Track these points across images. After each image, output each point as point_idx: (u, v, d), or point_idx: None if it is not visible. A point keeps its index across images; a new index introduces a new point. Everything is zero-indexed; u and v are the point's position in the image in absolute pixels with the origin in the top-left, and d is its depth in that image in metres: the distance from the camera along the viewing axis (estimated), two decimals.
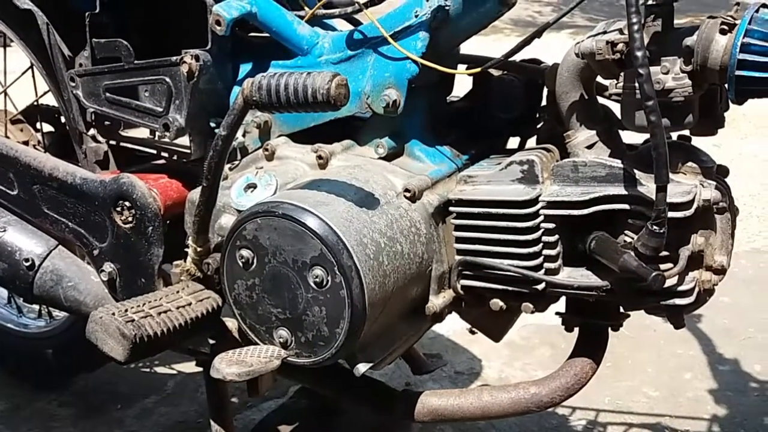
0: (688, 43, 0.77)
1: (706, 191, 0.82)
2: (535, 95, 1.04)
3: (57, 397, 1.77)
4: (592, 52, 0.82)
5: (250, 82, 0.79)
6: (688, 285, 0.83)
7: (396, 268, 0.86)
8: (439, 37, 0.92)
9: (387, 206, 0.88)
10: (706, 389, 1.89)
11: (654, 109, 0.72)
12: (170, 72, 1.00)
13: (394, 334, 0.93)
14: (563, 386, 0.95)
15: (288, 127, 1.02)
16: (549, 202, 0.87)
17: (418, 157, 0.99)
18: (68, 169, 1.08)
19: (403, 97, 0.93)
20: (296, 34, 1.01)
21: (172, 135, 1.02)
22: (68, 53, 1.13)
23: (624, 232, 0.85)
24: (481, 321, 1.11)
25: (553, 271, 0.89)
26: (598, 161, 0.85)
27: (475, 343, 2.05)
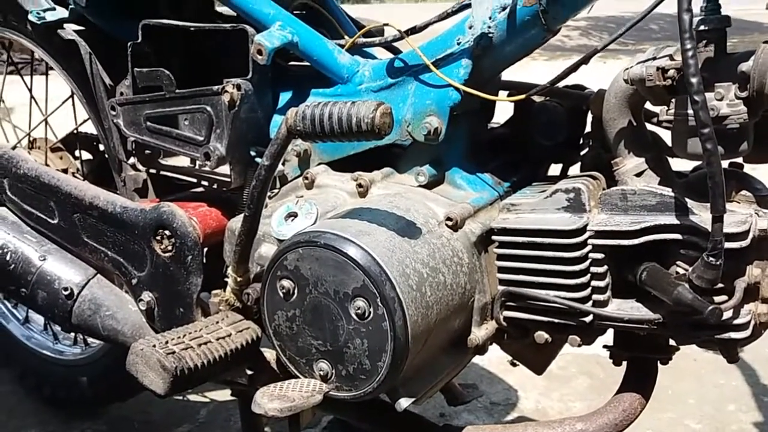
0: (743, 69, 0.75)
1: (762, 221, 0.79)
2: (578, 122, 1.02)
3: (91, 425, 1.76)
4: (642, 78, 0.80)
5: (294, 111, 0.78)
6: (744, 318, 0.80)
7: (439, 299, 0.84)
8: (481, 65, 0.91)
9: (429, 235, 0.87)
10: (751, 422, 1.83)
11: (710, 136, 0.70)
12: (211, 101, 1.00)
13: (435, 366, 0.91)
14: (612, 422, 0.92)
15: (328, 155, 1.01)
16: (597, 231, 0.84)
17: (459, 185, 0.97)
18: (108, 197, 1.08)
19: (444, 125, 0.92)
20: (337, 63, 1.01)
21: (213, 164, 1.01)
22: (109, 82, 1.14)
23: (676, 262, 0.82)
24: (523, 353, 1.08)
25: (602, 303, 0.86)
26: (648, 189, 0.83)
27: (511, 373, 2.01)
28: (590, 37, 10.80)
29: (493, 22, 0.88)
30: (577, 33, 11.06)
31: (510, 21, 0.87)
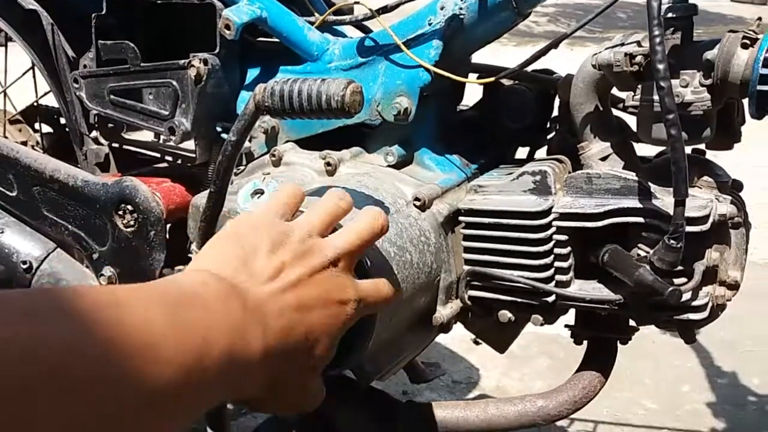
0: (708, 57, 0.76)
1: (722, 206, 0.81)
2: (546, 106, 1.03)
3: None
4: (609, 64, 0.81)
5: (263, 87, 0.77)
6: (702, 300, 0.82)
7: (405, 277, 0.84)
8: (452, 46, 0.91)
9: (397, 215, 0.87)
10: (704, 402, 1.89)
11: (675, 122, 0.71)
12: (177, 75, 0.99)
13: (400, 344, 0.92)
14: (571, 399, 0.94)
15: (295, 133, 1.00)
16: (562, 213, 0.85)
17: (428, 165, 0.97)
18: (70, 171, 1.06)
19: (414, 106, 0.92)
20: (306, 40, 1.00)
21: (177, 139, 1.00)
22: (72, 54, 1.12)
23: (638, 245, 0.84)
24: (486, 332, 1.10)
25: (565, 283, 0.87)
26: (613, 173, 0.84)
27: (473, 352, 2.04)
28: (558, 24, 10.86)
29: (464, 4, 0.88)
30: (546, 19, 11.11)
31: (481, 3, 0.87)
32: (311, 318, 0.56)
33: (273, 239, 0.58)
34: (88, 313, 0.41)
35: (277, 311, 0.54)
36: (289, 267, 0.57)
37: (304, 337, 0.56)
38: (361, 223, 0.65)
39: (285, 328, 0.54)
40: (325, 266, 0.59)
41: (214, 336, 0.48)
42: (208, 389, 0.48)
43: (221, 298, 0.51)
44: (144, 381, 0.42)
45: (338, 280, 0.60)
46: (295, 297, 0.56)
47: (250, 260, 0.56)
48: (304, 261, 0.58)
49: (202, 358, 0.46)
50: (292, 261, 0.57)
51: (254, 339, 0.51)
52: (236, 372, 0.50)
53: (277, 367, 0.54)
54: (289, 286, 0.56)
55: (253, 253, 0.57)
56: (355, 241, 0.63)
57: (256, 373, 0.52)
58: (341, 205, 0.67)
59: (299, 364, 0.57)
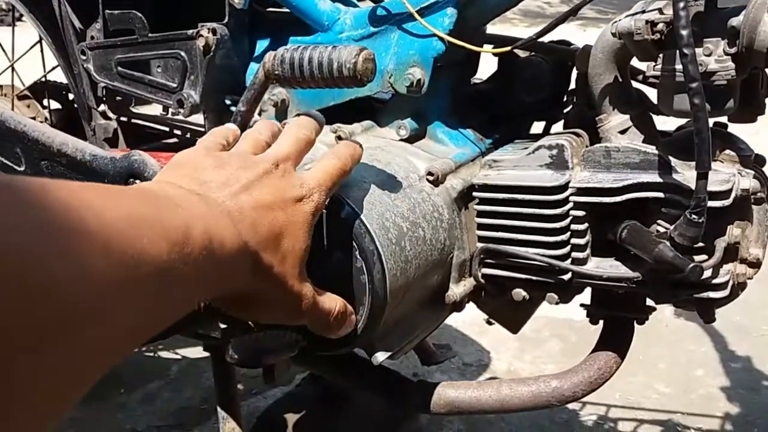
0: (733, 24, 0.73)
1: (745, 180, 0.79)
2: (563, 78, 1.00)
3: None
4: (630, 32, 0.78)
5: (272, 55, 0.75)
6: (722, 278, 0.79)
7: (418, 254, 0.82)
8: (467, 14, 0.89)
9: (409, 189, 0.85)
10: (718, 386, 1.87)
11: (698, 91, 0.69)
12: (185, 46, 0.97)
13: (413, 322, 0.90)
14: (586, 380, 0.92)
15: (306, 106, 0.98)
16: (579, 188, 0.83)
17: (441, 139, 0.95)
18: (78, 145, 1.04)
19: (427, 77, 0.90)
20: (317, 9, 0.97)
21: (186, 111, 0.98)
22: (79, 26, 1.10)
23: (657, 221, 0.81)
24: (499, 311, 1.08)
25: (581, 260, 0.85)
26: (632, 147, 0.82)
27: (484, 334, 2.02)
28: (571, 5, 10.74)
29: None
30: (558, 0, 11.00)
31: None
32: (272, 216, 0.58)
33: (214, 159, 0.61)
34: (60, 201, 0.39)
35: (237, 210, 0.55)
36: (234, 175, 0.59)
37: (271, 233, 0.57)
38: (295, 128, 0.68)
39: (249, 224, 0.56)
40: (268, 170, 0.61)
41: (192, 222, 0.48)
42: (196, 276, 0.48)
43: (186, 197, 0.52)
44: (132, 264, 0.41)
45: (285, 179, 0.62)
46: (250, 198, 0.57)
47: (197, 174, 0.58)
48: (247, 170, 0.60)
49: (186, 241, 0.46)
50: (236, 171, 0.59)
51: (226, 228, 0.53)
52: (218, 259, 0.50)
53: (255, 258, 0.56)
54: (241, 189, 0.57)
55: (199, 170, 0.59)
56: (293, 144, 0.66)
57: (238, 261, 0.54)
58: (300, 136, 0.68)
59: (274, 259, 0.58)
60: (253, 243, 0.55)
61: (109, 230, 0.40)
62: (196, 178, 0.57)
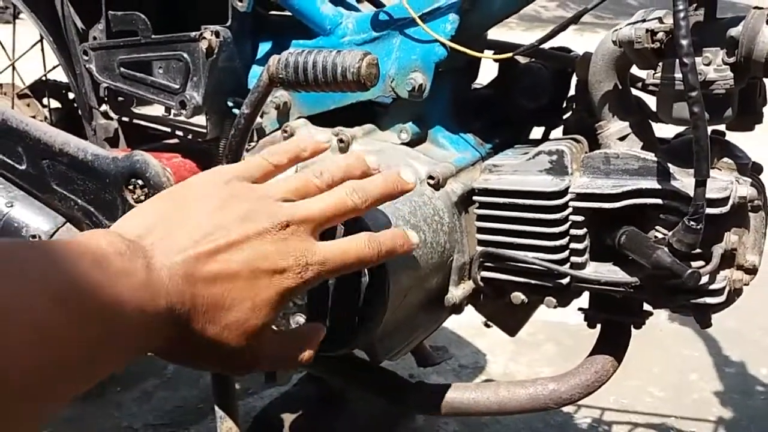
0: (732, 34, 0.74)
1: (742, 188, 0.80)
2: (562, 84, 1.01)
3: None
4: (630, 40, 0.79)
5: (276, 59, 0.76)
6: (719, 284, 0.80)
7: (419, 257, 0.83)
8: (469, 21, 0.89)
9: (411, 193, 0.85)
10: (712, 391, 1.88)
11: (698, 100, 0.70)
12: (188, 48, 0.97)
13: (412, 324, 0.91)
14: (583, 383, 0.93)
15: (308, 109, 0.99)
16: (578, 194, 0.84)
17: (442, 144, 0.96)
18: (79, 144, 1.05)
19: (429, 81, 0.90)
20: (319, 13, 0.98)
21: (188, 113, 0.99)
22: (82, 26, 1.10)
23: (655, 227, 0.82)
24: (497, 314, 1.08)
25: (580, 265, 0.86)
26: (631, 153, 0.83)
27: (480, 337, 2.03)
28: (567, 9, 10.79)
29: None
30: (555, 4, 11.04)
31: None
32: (226, 287, 0.53)
33: (221, 198, 0.55)
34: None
35: (181, 278, 0.51)
36: (223, 228, 0.54)
37: (213, 307, 0.52)
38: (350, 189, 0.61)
39: (188, 297, 0.51)
40: (268, 230, 0.55)
41: (122, 293, 0.46)
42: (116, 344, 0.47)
43: (126, 258, 0.48)
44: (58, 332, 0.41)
45: (281, 245, 0.55)
46: (213, 265, 0.52)
47: (172, 218, 0.53)
48: (245, 224, 0.54)
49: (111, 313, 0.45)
50: (233, 221, 0.54)
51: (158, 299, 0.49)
52: (144, 328, 0.48)
53: (186, 328, 0.52)
54: (212, 252, 0.52)
55: (185, 210, 0.54)
56: (331, 207, 0.59)
57: (164, 329, 0.50)
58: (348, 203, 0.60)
59: (209, 331, 0.53)
60: (184, 316, 0.51)
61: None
62: (166, 223, 0.53)
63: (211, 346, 0.54)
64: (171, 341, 0.51)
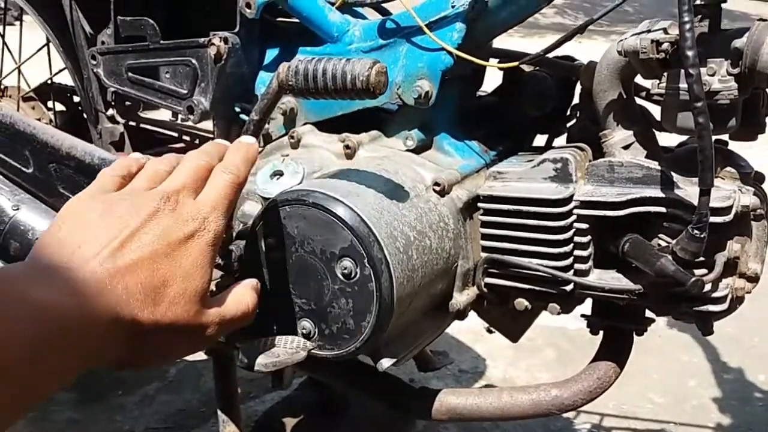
0: (737, 45, 0.76)
1: (745, 197, 0.81)
2: (566, 93, 1.02)
3: None
4: (635, 50, 0.80)
5: (286, 66, 0.76)
6: (722, 292, 0.81)
7: (424, 263, 0.84)
8: (475, 30, 0.90)
9: (416, 199, 0.86)
10: (710, 397, 1.89)
11: (703, 110, 0.71)
12: (197, 54, 0.98)
13: (417, 330, 0.91)
14: (586, 389, 0.93)
15: (315, 115, 1.00)
16: (583, 201, 0.85)
17: (447, 151, 0.97)
18: (86, 148, 1.06)
19: (435, 89, 0.91)
20: (327, 21, 0.99)
21: (196, 118, 0.99)
22: (90, 31, 1.11)
23: (659, 235, 0.83)
24: (500, 320, 1.09)
25: (584, 272, 0.87)
26: (635, 162, 0.84)
27: (480, 342, 2.04)
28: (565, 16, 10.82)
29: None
30: (553, 11, 11.07)
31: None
32: (152, 268, 0.56)
33: (102, 205, 0.59)
34: None
35: (107, 277, 0.53)
36: (118, 225, 0.57)
37: (150, 290, 0.55)
38: (195, 155, 0.67)
39: (121, 290, 0.54)
40: (157, 209, 0.59)
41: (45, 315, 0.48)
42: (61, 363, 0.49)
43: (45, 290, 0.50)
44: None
45: (175, 214, 0.59)
46: (129, 254, 0.55)
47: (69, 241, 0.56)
48: (135, 213, 0.58)
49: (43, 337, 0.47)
50: (122, 217, 0.57)
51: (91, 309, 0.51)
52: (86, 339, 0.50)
53: (126, 327, 0.54)
54: (120, 244, 0.55)
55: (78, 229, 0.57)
56: (190, 172, 0.64)
57: (111, 334, 0.53)
58: (200, 162, 0.66)
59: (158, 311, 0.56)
60: (125, 311, 0.53)
61: None
62: (69, 242, 0.55)
63: (165, 328, 0.57)
64: (125, 344, 0.54)
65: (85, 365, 0.52)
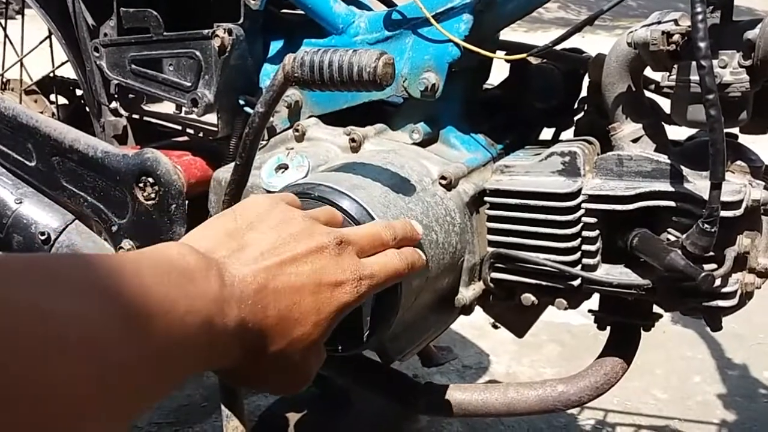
0: (749, 37, 0.74)
1: (756, 191, 0.80)
2: (574, 86, 1.01)
3: None
4: (645, 42, 0.79)
5: (292, 58, 0.75)
6: (732, 287, 0.80)
7: (430, 257, 0.83)
8: (482, 21, 0.89)
9: (423, 193, 0.85)
10: (715, 393, 1.88)
11: (715, 102, 0.70)
12: (201, 46, 0.97)
13: (423, 325, 0.91)
14: (592, 385, 0.93)
15: (320, 108, 0.99)
16: (591, 195, 0.84)
17: (454, 144, 0.96)
18: (89, 141, 1.05)
19: (442, 81, 0.90)
20: (332, 12, 0.98)
21: (200, 111, 0.98)
22: (92, 23, 1.10)
23: (668, 230, 0.82)
24: (505, 315, 1.08)
25: (591, 267, 0.86)
26: (645, 156, 0.83)
27: (484, 338, 2.03)
28: (568, 10, 10.79)
29: None
30: (556, 6, 11.04)
31: None
32: (294, 300, 0.54)
33: (278, 217, 0.58)
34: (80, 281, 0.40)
35: (254, 290, 0.52)
36: (282, 243, 0.56)
37: (282, 320, 0.54)
38: (384, 224, 0.66)
39: (260, 308, 0.52)
40: (325, 246, 0.57)
41: (195, 307, 0.47)
42: (186, 355, 0.47)
43: (201, 275, 0.49)
44: (119, 351, 0.40)
45: (337, 259, 0.58)
46: (281, 277, 0.54)
47: (239, 234, 0.55)
48: (302, 240, 0.57)
49: (180, 328, 0.45)
50: (289, 238, 0.56)
51: (231, 313, 0.50)
52: (213, 341, 0.49)
53: (254, 343, 0.53)
54: (278, 264, 0.54)
55: (248, 227, 0.56)
56: (369, 239, 0.62)
57: (231, 346, 0.51)
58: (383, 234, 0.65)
59: (276, 344, 0.54)
60: (256, 328, 0.52)
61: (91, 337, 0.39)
62: (233, 239, 0.55)
63: (275, 362, 0.55)
64: (236, 359, 0.52)
65: (204, 364, 0.50)
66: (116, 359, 0.40)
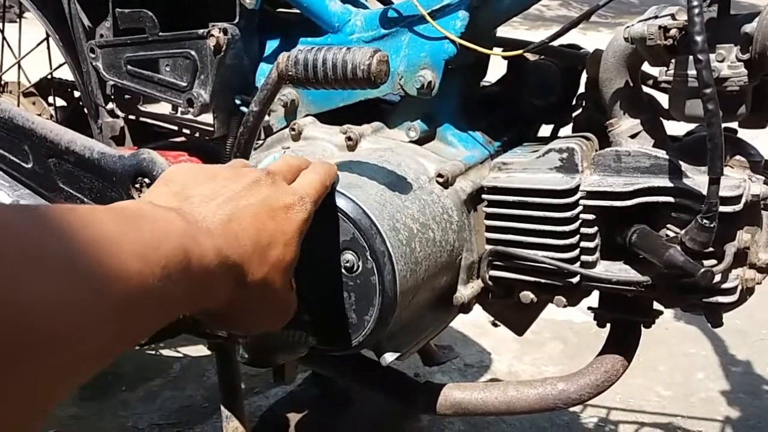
0: (747, 31, 0.74)
1: (755, 186, 0.79)
2: (572, 82, 1.00)
3: None
4: (642, 37, 0.79)
5: (286, 56, 0.75)
6: (732, 283, 0.80)
7: (427, 255, 0.83)
8: (479, 18, 0.89)
9: (419, 191, 0.85)
10: (718, 390, 1.88)
11: (712, 97, 0.69)
12: (196, 46, 0.97)
13: (421, 323, 0.90)
14: (593, 383, 0.92)
15: (316, 107, 0.98)
16: (589, 192, 0.83)
17: (451, 142, 0.95)
18: (86, 143, 1.04)
19: (438, 79, 0.90)
20: (328, 11, 0.97)
21: (196, 111, 0.98)
22: (88, 24, 1.10)
23: (667, 225, 0.82)
24: (505, 313, 1.08)
25: (590, 264, 0.85)
26: (643, 151, 0.82)
27: (485, 336, 2.03)
28: (570, 8, 10.78)
29: None
30: (557, 3, 11.03)
31: None
32: (259, 226, 0.58)
33: (206, 172, 0.62)
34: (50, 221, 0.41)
35: (219, 224, 0.55)
36: (221, 186, 0.59)
37: (257, 245, 0.57)
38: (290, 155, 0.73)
39: (232, 238, 0.55)
40: (258, 179, 0.61)
41: (167, 240, 0.48)
42: (170, 293, 0.48)
43: (162, 215, 0.51)
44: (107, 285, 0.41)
45: (274, 187, 0.62)
46: (235, 208, 0.57)
47: (183, 190, 0.58)
48: (236, 180, 0.60)
49: (159, 258, 0.46)
50: (224, 181, 0.60)
51: (204, 243, 0.52)
52: (196, 275, 0.50)
53: (237, 273, 0.55)
54: (226, 200, 0.57)
55: (187, 185, 0.59)
56: (286, 167, 0.67)
57: (218, 276, 0.53)
58: (292, 161, 0.70)
59: (260, 270, 0.57)
60: (235, 256, 0.55)
61: (71, 255, 0.40)
62: (179, 193, 0.58)
63: (260, 291, 0.58)
64: (221, 296, 0.55)
65: (187, 308, 0.52)
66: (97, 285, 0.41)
